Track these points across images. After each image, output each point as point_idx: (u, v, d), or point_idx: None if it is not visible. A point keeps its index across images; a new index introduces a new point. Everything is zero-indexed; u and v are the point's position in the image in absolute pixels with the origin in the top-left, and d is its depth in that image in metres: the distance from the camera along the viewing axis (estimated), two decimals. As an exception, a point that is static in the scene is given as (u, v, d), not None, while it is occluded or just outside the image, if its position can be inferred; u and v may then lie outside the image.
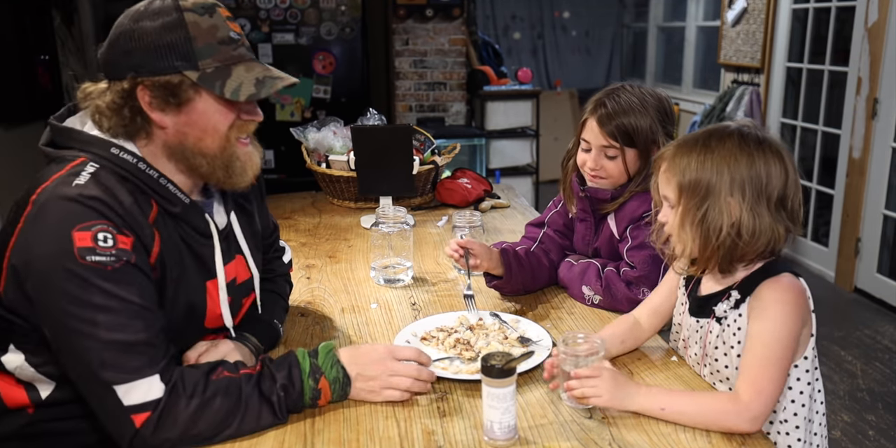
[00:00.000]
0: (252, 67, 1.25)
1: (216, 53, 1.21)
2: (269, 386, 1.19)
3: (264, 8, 5.15)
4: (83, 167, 1.18)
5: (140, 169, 1.22)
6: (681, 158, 1.26)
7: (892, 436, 2.68)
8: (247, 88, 1.22)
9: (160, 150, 1.25)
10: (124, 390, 1.10)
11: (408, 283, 1.84)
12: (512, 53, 7.92)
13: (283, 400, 1.19)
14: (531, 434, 1.16)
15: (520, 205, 2.68)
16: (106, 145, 1.21)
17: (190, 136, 1.23)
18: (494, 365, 1.11)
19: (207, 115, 1.23)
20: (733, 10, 5.04)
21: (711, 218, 1.22)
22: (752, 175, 1.22)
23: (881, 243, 3.90)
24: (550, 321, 1.60)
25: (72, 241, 1.10)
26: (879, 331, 3.58)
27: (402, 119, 5.47)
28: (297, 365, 1.23)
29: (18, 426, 1.26)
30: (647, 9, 7.39)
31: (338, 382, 1.23)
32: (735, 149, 1.23)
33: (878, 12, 3.77)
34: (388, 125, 2.61)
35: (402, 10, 5.28)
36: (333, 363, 1.24)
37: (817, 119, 4.40)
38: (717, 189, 1.22)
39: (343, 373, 1.24)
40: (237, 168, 1.28)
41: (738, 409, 1.15)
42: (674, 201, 1.28)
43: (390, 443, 1.14)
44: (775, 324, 1.21)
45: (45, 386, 1.24)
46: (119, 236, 1.14)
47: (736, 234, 1.22)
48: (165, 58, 1.17)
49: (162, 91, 1.19)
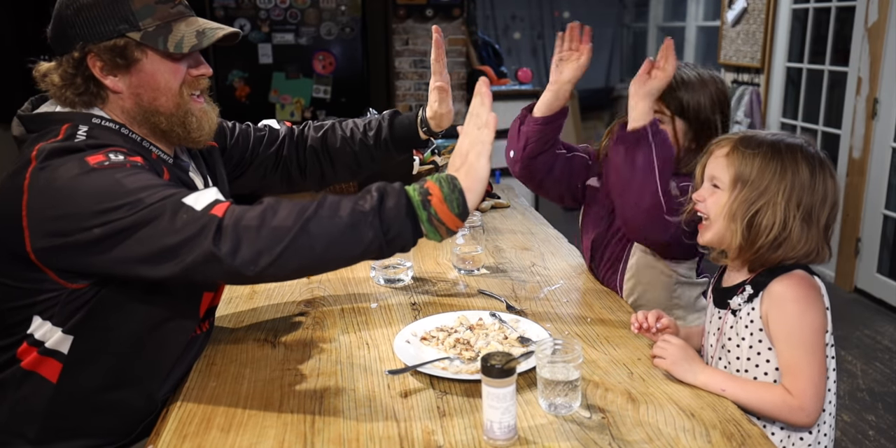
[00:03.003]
0: (192, 22, 1.31)
1: (155, 13, 1.27)
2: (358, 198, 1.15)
3: (264, 8, 5.15)
4: (75, 130, 1.24)
5: (124, 134, 1.29)
6: (746, 148, 1.29)
7: (892, 436, 2.68)
8: (189, 40, 1.28)
9: (122, 117, 1.31)
10: (193, 199, 1.13)
11: (408, 283, 1.84)
12: (512, 53, 7.92)
13: (377, 201, 1.12)
14: (531, 434, 1.16)
15: (520, 205, 2.68)
16: (86, 116, 1.27)
17: (144, 96, 1.29)
18: (494, 365, 1.11)
19: (157, 75, 1.28)
20: (733, 10, 5.04)
21: (763, 217, 1.26)
22: (812, 189, 1.26)
23: (881, 243, 3.90)
24: (550, 321, 1.60)
25: (86, 162, 1.16)
26: (879, 331, 3.58)
27: (402, 119, 5.46)
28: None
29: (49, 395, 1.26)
30: (647, 9, 7.39)
31: (443, 181, 1.16)
32: (802, 160, 1.27)
33: (878, 12, 3.77)
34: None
35: (402, 10, 5.27)
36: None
37: (817, 119, 4.40)
38: (775, 191, 1.25)
39: (443, 176, 1.18)
40: (193, 124, 1.34)
41: (791, 407, 1.23)
42: (726, 185, 1.30)
43: (390, 443, 1.14)
44: (801, 323, 1.25)
45: (66, 344, 1.24)
46: (130, 157, 1.21)
47: (784, 239, 1.25)
48: (107, 23, 1.24)
49: (110, 54, 1.25)
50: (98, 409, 1.29)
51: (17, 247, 1.16)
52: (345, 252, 1.13)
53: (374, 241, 1.12)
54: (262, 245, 1.09)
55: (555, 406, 1.21)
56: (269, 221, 1.10)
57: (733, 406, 1.24)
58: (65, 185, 1.14)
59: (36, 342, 1.24)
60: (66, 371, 1.25)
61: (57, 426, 1.28)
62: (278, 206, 1.13)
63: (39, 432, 1.27)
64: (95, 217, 1.11)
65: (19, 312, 1.23)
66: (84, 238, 1.12)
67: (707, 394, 1.28)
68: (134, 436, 1.33)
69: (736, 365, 1.34)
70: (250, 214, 1.11)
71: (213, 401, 1.27)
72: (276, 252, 1.09)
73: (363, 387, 1.31)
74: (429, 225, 1.14)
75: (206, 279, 1.17)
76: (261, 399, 1.28)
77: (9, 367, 1.26)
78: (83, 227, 1.12)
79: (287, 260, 1.10)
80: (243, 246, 1.09)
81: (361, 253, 1.13)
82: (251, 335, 1.54)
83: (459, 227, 1.17)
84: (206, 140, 1.38)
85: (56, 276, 1.19)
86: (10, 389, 1.26)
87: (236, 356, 1.44)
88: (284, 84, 5.25)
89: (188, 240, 1.10)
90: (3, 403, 1.27)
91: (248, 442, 1.15)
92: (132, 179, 1.15)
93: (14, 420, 1.27)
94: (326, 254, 1.11)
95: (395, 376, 1.34)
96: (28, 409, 1.26)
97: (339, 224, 1.11)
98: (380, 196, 1.13)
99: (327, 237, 1.11)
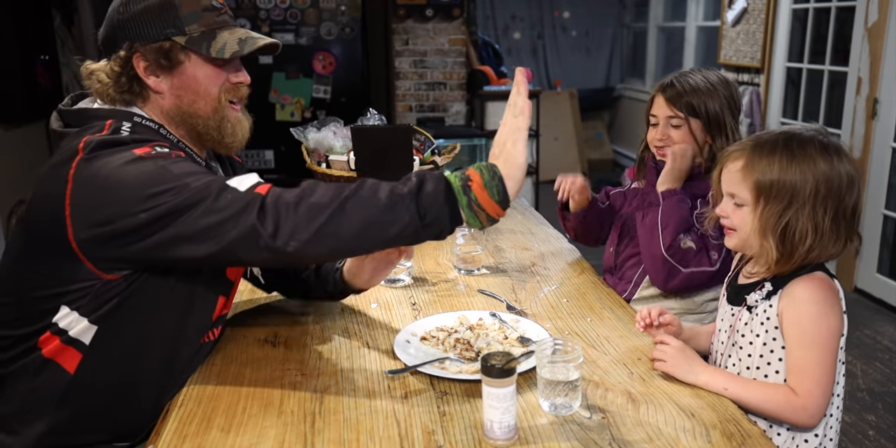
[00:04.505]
0: (234, 31, 1.36)
1: (201, 19, 1.33)
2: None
3: (264, 8, 5.15)
4: (120, 124, 1.29)
5: (162, 134, 1.34)
6: (761, 158, 1.26)
7: (892, 436, 2.68)
8: (231, 47, 1.33)
9: (160, 117, 1.36)
10: (237, 181, 1.18)
11: (408, 283, 1.84)
12: (512, 53, 7.92)
13: (416, 185, 1.14)
14: (531, 434, 1.16)
15: (520, 205, 2.68)
16: (127, 114, 1.33)
17: (184, 98, 1.34)
18: (494, 365, 1.11)
19: (198, 78, 1.34)
20: (733, 10, 5.04)
21: (795, 226, 1.23)
22: (835, 179, 1.23)
23: (881, 243, 3.90)
24: (550, 321, 1.60)
25: (133, 152, 1.20)
26: (879, 331, 3.58)
27: (402, 119, 5.47)
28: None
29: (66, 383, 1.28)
30: (647, 9, 7.39)
31: (483, 168, 1.18)
32: (817, 155, 1.24)
33: (878, 12, 3.77)
34: (388, 125, 2.61)
35: (402, 10, 5.27)
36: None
37: (817, 119, 4.40)
38: (801, 195, 1.23)
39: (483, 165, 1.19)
40: (228, 129, 1.39)
41: (794, 407, 1.23)
42: (748, 201, 1.28)
43: (390, 443, 1.14)
44: (818, 325, 1.24)
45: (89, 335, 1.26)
46: (174, 151, 1.27)
47: (819, 241, 1.24)
48: (156, 26, 1.30)
49: (155, 55, 1.31)
50: (109, 404, 1.30)
51: (57, 236, 1.19)
52: (380, 233, 1.14)
53: (410, 224, 1.13)
54: (299, 220, 1.12)
55: (555, 406, 1.21)
56: (307, 198, 1.14)
57: (733, 406, 1.24)
58: (111, 174, 1.18)
59: (60, 331, 1.25)
60: (85, 362, 1.27)
61: (68, 418, 1.29)
62: (317, 187, 1.16)
63: (51, 423, 1.28)
64: (142, 202, 1.15)
65: (48, 301, 1.25)
66: (130, 224, 1.16)
67: (707, 394, 1.28)
68: (142, 437, 1.33)
69: (746, 362, 1.33)
70: (290, 193, 1.15)
71: (213, 401, 1.27)
72: (314, 228, 1.12)
73: (363, 387, 1.31)
74: (469, 210, 1.16)
75: (247, 256, 1.17)
76: (261, 399, 1.28)
77: (29, 354, 1.27)
78: (130, 212, 1.15)
79: (323, 237, 1.12)
80: (282, 221, 1.12)
81: (396, 234, 1.14)
82: (251, 335, 1.54)
83: (500, 215, 1.19)
84: (237, 147, 1.43)
85: (94, 266, 1.22)
86: (28, 377, 1.28)
87: (236, 356, 1.44)
88: (284, 84, 5.25)
89: (233, 216, 1.13)
90: (19, 390, 1.28)
91: (248, 442, 1.15)
92: (177, 166, 1.20)
93: (27, 408, 1.28)
94: (362, 233, 1.13)
95: (395, 376, 1.34)
96: (43, 398, 1.28)
97: (377, 204, 1.13)
98: (419, 181, 1.15)
99: (364, 217, 1.13)
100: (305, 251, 1.14)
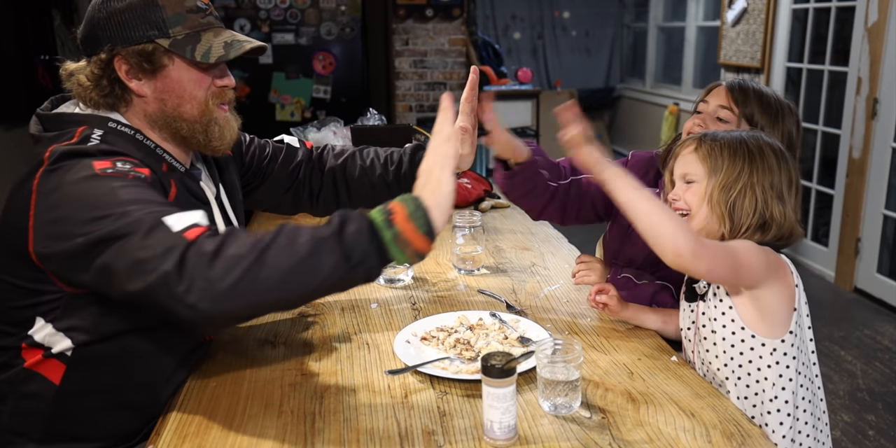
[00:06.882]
0: (220, 33, 1.32)
1: (185, 21, 1.28)
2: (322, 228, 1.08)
3: (264, 8, 5.15)
4: (90, 132, 1.24)
5: (138, 140, 1.29)
6: (713, 141, 1.33)
7: (892, 436, 2.68)
8: (216, 51, 1.29)
9: (142, 121, 1.32)
10: (175, 219, 1.07)
11: (408, 283, 1.84)
12: (512, 53, 7.92)
13: (337, 226, 1.06)
14: (531, 434, 1.16)
15: (520, 205, 2.68)
16: (103, 119, 1.28)
17: (168, 102, 1.30)
18: (494, 365, 1.11)
19: (182, 82, 1.30)
20: (733, 10, 5.04)
21: (744, 200, 1.29)
22: (779, 173, 1.30)
23: (881, 243, 3.90)
24: (550, 321, 1.60)
25: (92, 166, 1.15)
26: (879, 331, 3.58)
27: (402, 119, 5.47)
28: None
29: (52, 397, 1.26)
30: (647, 9, 7.39)
31: (406, 199, 1.10)
32: (765, 147, 1.32)
33: (878, 12, 3.77)
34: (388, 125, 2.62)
35: (402, 10, 5.28)
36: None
37: (817, 119, 4.40)
38: (749, 174, 1.29)
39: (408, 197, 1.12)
40: (215, 132, 1.35)
41: (688, 240, 1.18)
42: (701, 176, 1.33)
43: (390, 443, 1.14)
44: (747, 245, 1.27)
45: (66, 346, 1.24)
46: (137, 168, 1.20)
47: (766, 219, 1.29)
48: (138, 28, 1.25)
49: (137, 58, 1.26)
50: (101, 411, 1.29)
51: (21, 246, 1.16)
52: (304, 281, 1.04)
53: (335, 269, 1.04)
54: (213, 274, 1.01)
55: (555, 406, 1.21)
56: (225, 250, 1.03)
57: (733, 406, 1.24)
58: (67, 190, 1.13)
59: (38, 344, 1.24)
60: (69, 373, 1.25)
61: (60, 427, 1.28)
62: (240, 235, 1.06)
63: (43, 433, 1.27)
64: (84, 225, 1.09)
65: (22, 312, 1.23)
66: (71, 246, 1.10)
67: (707, 394, 1.28)
68: (138, 439, 1.33)
69: (714, 351, 1.33)
70: (211, 241, 1.04)
71: (213, 401, 1.27)
72: (228, 283, 1.01)
73: (363, 387, 1.31)
74: (395, 246, 1.06)
75: (164, 308, 1.05)
76: (261, 399, 1.28)
77: (12, 366, 1.26)
78: (73, 233, 1.10)
79: (240, 292, 1.01)
80: (196, 275, 1.01)
81: (322, 282, 1.05)
82: (251, 335, 1.54)
83: (428, 249, 1.09)
84: (224, 149, 1.39)
85: (56, 278, 1.19)
86: (14, 389, 1.26)
87: (236, 356, 1.44)
88: (284, 84, 5.25)
89: (155, 257, 1.03)
90: (6, 403, 1.27)
91: (248, 442, 1.15)
92: (127, 191, 1.12)
93: (17, 420, 1.27)
94: (283, 285, 1.03)
95: (395, 376, 1.34)
96: (31, 410, 1.26)
97: (298, 252, 1.03)
98: (340, 221, 1.07)
99: (284, 267, 1.02)
100: (225, 310, 1.03)
